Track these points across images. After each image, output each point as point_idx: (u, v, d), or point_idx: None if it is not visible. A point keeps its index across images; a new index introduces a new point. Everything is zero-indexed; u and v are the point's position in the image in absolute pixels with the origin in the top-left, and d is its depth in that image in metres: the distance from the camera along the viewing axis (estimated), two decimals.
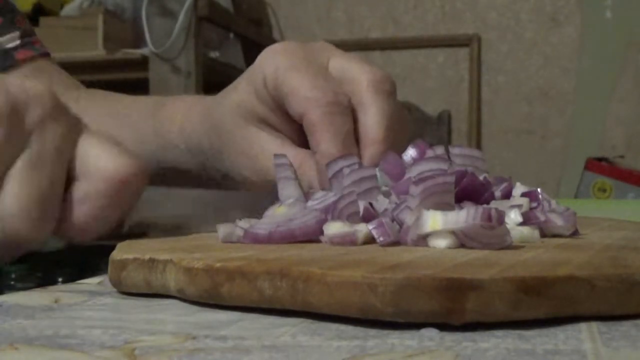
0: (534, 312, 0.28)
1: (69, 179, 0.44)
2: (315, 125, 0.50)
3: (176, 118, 0.62)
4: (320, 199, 0.42)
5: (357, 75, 0.52)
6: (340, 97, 0.50)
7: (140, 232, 0.46)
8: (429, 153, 0.45)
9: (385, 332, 0.27)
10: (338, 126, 0.49)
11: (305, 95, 0.50)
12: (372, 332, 0.28)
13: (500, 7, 2.63)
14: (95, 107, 0.69)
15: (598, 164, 2.30)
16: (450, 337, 0.27)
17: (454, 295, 0.27)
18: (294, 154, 0.52)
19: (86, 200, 0.43)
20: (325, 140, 0.49)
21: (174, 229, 0.47)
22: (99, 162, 0.43)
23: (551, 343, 0.26)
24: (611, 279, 0.29)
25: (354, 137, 0.51)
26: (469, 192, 0.41)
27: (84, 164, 0.43)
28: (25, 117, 0.42)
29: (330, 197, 0.42)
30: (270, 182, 0.52)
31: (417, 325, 0.28)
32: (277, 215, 0.41)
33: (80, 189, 0.43)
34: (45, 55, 0.80)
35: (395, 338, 0.27)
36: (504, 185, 0.45)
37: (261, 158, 0.54)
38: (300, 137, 0.54)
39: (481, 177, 0.43)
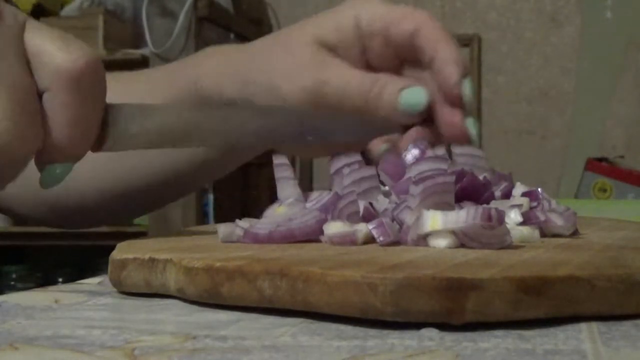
0: (534, 312, 0.28)
1: (39, 92, 0.41)
2: (435, 36, 0.53)
3: (212, 63, 0.60)
4: (316, 199, 0.42)
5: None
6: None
7: (122, 148, 0.44)
8: (429, 153, 0.45)
9: (385, 332, 0.27)
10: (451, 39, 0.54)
11: (416, 15, 0.54)
12: (372, 332, 0.27)
13: (500, 7, 2.63)
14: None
15: (598, 164, 2.29)
16: (450, 337, 0.27)
17: (454, 295, 0.27)
18: (368, 75, 0.54)
19: (57, 108, 0.41)
20: (450, 45, 0.53)
21: (155, 143, 0.45)
22: (54, 65, 0.40)
23: (551, 343, 0.26)
24: (611, 279, 0.29)
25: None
26: (469, 191, 0.41)
27: (39, 61, 0.41)
28: None
29: (325, 197, 0.42)
30: (335, 107, 0.53)
31: (417, 325, 0.28)
32: (277, 215, 0.41)
33: (49, 99, 0.41)
34: None
35: (395, 338, 0.27)
36: (504, 185, 0.45)
37: (334, 81, 0.54)
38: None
39: (482, 176, 0.43)
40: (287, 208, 0.42)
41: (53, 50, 0.41)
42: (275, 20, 2.74)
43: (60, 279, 2.35)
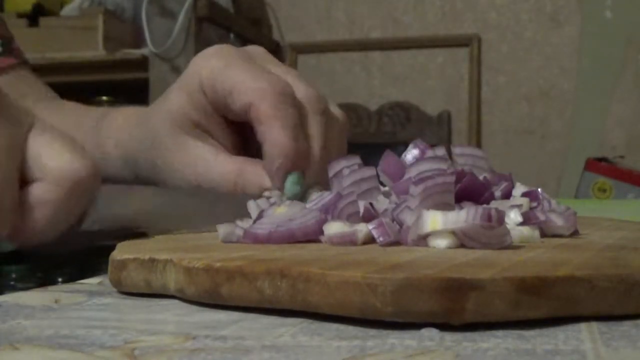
0: (534, 312, 0.28)
1: (23, 181, 0.42)
2: (264, 115, 0.49)
3: (112, 129, 0.62)
4: (316, 200, 0.42)
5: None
6: (288, 89, 0.50)
7: (98, 229, 0.46)
8: (429, 153, 0.45)
9: (385, 332, 0.27)
10: (288, 116, 0.49)
11: (251, 87, 0.50)
12: (372, 332, 0.27)
13: (500, 7, 2.63)
14: (53, 118, 0.69)
15: (598, 164, 2.29)
16: (450, 337, 0.27)
17: (454, 295, 0.27)
18: (230, 161, 0.52)
19: (42, 204, 0.42)
20: (276, 128, 0.48)
21: (134, 226, 0.47)
22: (53, 163, 0.42)
23: (551, 343, 0.26)
24: (611, 279, 0.29)
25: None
26: (468, 192, 0.41)
27: (38, 164, 0.42)
28: None
29: (327, 197, 0.42)
30: (205, 190, 0.51)
31: (417, 325, 0.28)
32: (277, 215, 0.41)
33: (35, 192, 0.42)
34: (24, 63, 0.80)
35: (395, 338, 0.27)
36: (504, 185, 0.45)
37: (197, 166, 0.53)
38: (235, 145, 0.54)
39: (482, 176, 0.43)
40: (287, 208, 0.42)
41: (56, 153, 0.42)
42: (274, 21, 2.75)
43: (60, 279, 2.36)
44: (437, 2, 2.69)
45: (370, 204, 0.41)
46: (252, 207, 0.45)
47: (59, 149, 0.42)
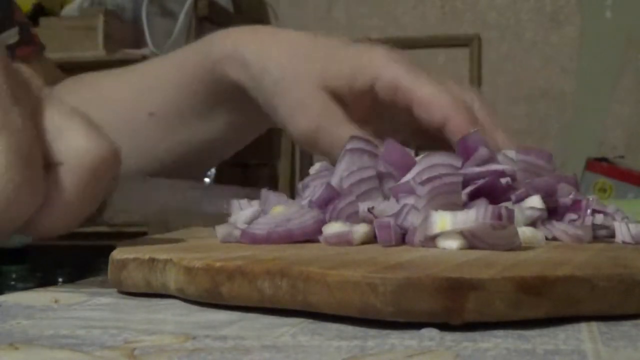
0: (534, 312, 0.28)
1: (46, 165, 0.41)
2: (462, 129, 0.52)
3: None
4: (310, 194, 0.42)
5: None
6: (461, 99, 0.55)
7: (117, 222, 0.46)
8: (483, 152, 0.43)
9: (385, 332, 0.27)
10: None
11: (445, 102, 0.53)
12: (372, 332, 0.27)
13: (500, 7, 2.63)
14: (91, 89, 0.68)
15: (598, 164, 2.29)
16: (450, 337, 0.27)
17: (454, 295, 0.27)
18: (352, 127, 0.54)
19: (64, 188, 0.41)
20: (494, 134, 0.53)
21: (153, 219, 0.47)
22: (75, 144, 0.40)
23: (551, 343, 0.26)
24: (611, 279, 0.29)
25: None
26: (486, 192, 0.41)
27: (58, 144, 0.40)
28: None
29: (319, 190, 0.41)
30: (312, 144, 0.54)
31: (417, 325, 0.28)
32: (275, 215, 0.41)
33: (58, 176, 0.40)
34: (43, 48, 0.80)
35: (395, 338, 0.27)
36: (520, 191, 0.43)
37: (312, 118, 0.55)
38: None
39: (504, 180, 0.42)
40: (285, 208, 0.42)
41: (77, 132, 0.41)
42: (275, 21, 2.74)
43: (60, 279, 2.35)
44: (437, 2, 2.69)
45: (370, 210, 0.40)
46: (235, 206, 0.45)
47: (77, 128, 0.41)
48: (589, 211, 0.42)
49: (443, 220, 0.36)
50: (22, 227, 0.40)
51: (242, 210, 0.44)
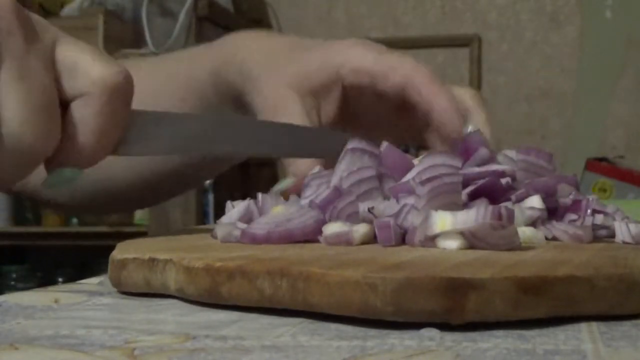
0: (534, 312, 0.28)
1: (63, 100, 0.43)
2: (424, 88, 0.53)
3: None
4: (313, 194, 0.42)
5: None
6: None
7: (137, 154, 0.46)
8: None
9: (385, 332, 0.27)
10: (446, 89, 0.53)
11: (404, 66, 0.54)
12: (372, 332, 0.27)
13: (500, 7, 2.63)
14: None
15: (598, 164, 2.29)
16: (450, 337, 0.27)
17: (454, 295, 0.27)
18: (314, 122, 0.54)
19: (86, 119, 0.42)
20: (442, 95, 0.52)
21: (169, 150, 0.47)
22: (88, 72, 0.42)
23: (551, 343, 0.26)
24: (611, 279, 0.29)
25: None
26: (486, 192, 0.41)
27: (73, 72, 0.42)
28: None
29: (324, 192, 0.41)
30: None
31: (417, 325, 0.28)
32: (275, 215, 0.41)
33: (77, 109, 0.42)
34: None
35: (395, 338, 0.27)
36: (520, 191, 0.43)
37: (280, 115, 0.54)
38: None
39: (504, 180, 0.42)
40: (285, 207, 0.42)
41: (91, 62, 0.42)
42: (275, 20, 2.74)
43: (60, 279, 2.35)
44: (437, 2, 2.69)
45: (370, 210, 0.40)
46: (229, 207, 0.45)
47: (90, 58, 0.43)
48: (589, 211, 0.42)
49: (443, 220, 0.36)
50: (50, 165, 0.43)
51: (235, 207, 0.44)
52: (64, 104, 0.42)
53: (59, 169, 0.43)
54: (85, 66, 0.42)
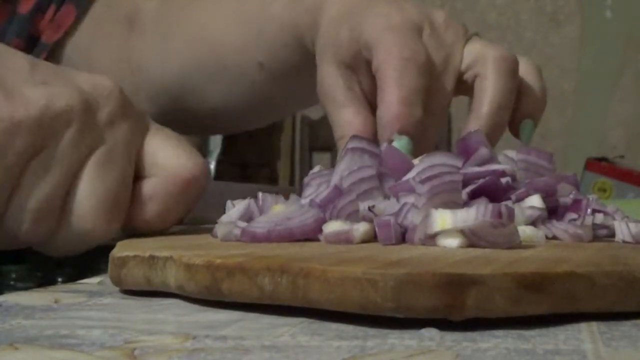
0: (534, 309, 0.28)
1: (136, 176, 0.44)
2: (385, 78, 0.50)
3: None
4: (314, 193, 0.42)
5: (484, 51, 0.53)
6: (419, 56, 0.50)
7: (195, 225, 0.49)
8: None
9: (385, 332, 0.27)
10: (407, 81, 0.49)
11: (385, 48, 0.50)
12: (372, 332, 0.27)
13: (500, 7, 2.63)
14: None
15: (598, 164, 2.29)
16: (450, 337, 0.27)
17: (454, 291, 0.27)
18: (355, 111, 0.53)
19: (155, 198, 0.44)
20: (391, 91, 0.49)
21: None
22: (169, 161, 0.44)
23: (551, 343, 0.26)
24: (611, 276, 0.29)
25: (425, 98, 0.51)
26: (486, 191, 0.41)
27: (153, 162, 0.44)
28: (96, 115, 0.42)
29: (324, 191, 0.41)
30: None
31: (417, 325, 0.28)
32: (275, 214, 0.41)
33: (149, 187, 0.44)
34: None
35: (395, 338, 0.27)
36: (520, 191, 0.43)
37: (324, 96, 0.54)
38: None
39: (504, 180, 0.42)
40: (285, 206, 0.42)
41: (173, 151, 0.45)
42: None
43: (60, 279, 2.36)
44: (437, 2, 2.69)
45: (370, 209, 0.40)
46: (229, 205, 0.45)
47: (173, 149, 0.45)
48: (589, 210, 0.42)
49: (443, 219, 0.36)
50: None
51: (235, 206, 0.44)
52: (138, 175, 0.45)
53: None
54: (168, 152, 0.45)
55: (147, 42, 0.69)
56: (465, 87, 0.54)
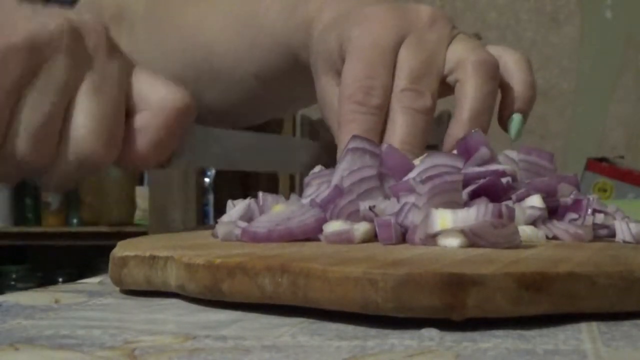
0: (534, 309, 0.28)
1: (127, 113, 0.47)
2: (340, 120, 0.50)
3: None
4: (314, 193, 0.42)
5: (465, 55, 0.52)
6: (372, 98, 0.49)
7: (184, 168, 0.51)
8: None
9: (385, 332, 0.27)
10: (358, 124, 0.49)
11: (343, 83, 0.50)
12: (372, 332, 0.27)
13: (500, 7, 2.63)
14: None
15: (598, 164, 2.29)
16: (450, 337, 0.27)
17: (455, 291, 0.27)
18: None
19: (147, 130, 0.47)
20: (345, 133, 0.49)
21: (219, 165, 0.51)
22: (156, 94, 0.47)
23: (551, 343, 0.26)
24: (611, 276, 0.29)
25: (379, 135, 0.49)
26: (487, 191, 0.41)
27: (141, 96, 0.47)
28: (85, 41, 0.45)
29: (324, 191, 0.41)
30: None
31: (418, 325, 0.28)
32: (276, 214, 0.41)
33: (140, 120, 0.47)
34: None
35: (395, 338, 0.27)
36: (521, 191, 0.43)
37: (326, 110, 0.53)
38: None
39: (505, 180, 0.42)
40: (285, 206, 0.42)
41: (160, 85, 0.47)
42: None
43: (60, 279, 2.35)
44: (437, 2, 2.69)
45: (371, 208, 0.40)
46: (230, 205, 0.45)
47: (161, 83, 0.47)
48: (589, 211, 0.42)
49: (444, 218, 0.36)
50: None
51: (236, 206, 0.44)
52: (129, 113, 0.47)
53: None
54: (154, 87, 0.47)
55: (136, 42, 0.69)
56: (450, 88, 0.54)
